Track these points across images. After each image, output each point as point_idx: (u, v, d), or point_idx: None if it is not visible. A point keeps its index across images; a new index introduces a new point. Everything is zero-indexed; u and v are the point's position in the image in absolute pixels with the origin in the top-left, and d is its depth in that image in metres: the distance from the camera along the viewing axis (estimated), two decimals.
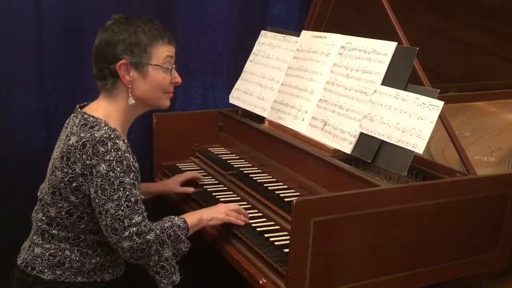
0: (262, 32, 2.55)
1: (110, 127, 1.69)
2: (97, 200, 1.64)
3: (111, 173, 1.62)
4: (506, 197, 1.80)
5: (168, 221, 1.75)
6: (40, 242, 1.77)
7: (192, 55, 2.67)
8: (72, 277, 1.74)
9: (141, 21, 1.77)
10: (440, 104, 1.73)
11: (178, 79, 1.85)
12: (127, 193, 1.64)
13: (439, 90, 1.77)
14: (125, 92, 1.76)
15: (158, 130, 2.48)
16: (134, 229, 1.63)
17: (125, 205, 1.63)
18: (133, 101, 1.76)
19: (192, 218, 1.81)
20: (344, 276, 1.59)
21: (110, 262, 1.80)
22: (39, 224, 1.78)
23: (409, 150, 1.75)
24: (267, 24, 2.73)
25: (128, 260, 1.70)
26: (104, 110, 1.76)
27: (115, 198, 1.62)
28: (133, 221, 1.63)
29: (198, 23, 2.65)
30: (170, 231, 1.72)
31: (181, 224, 1.76)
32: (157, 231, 1.69)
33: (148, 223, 1.68)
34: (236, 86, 2.55)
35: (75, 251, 1.74)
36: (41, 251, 1.75)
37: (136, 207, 1.65)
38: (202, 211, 1.89)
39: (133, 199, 1.64)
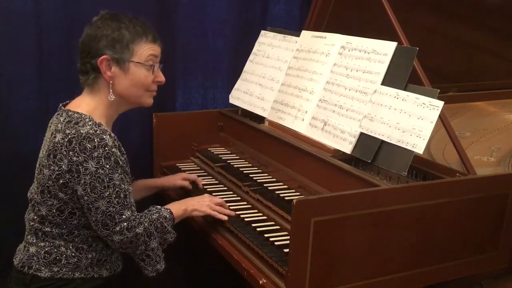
0: (262, 32, 2.55)
1: (95, 122, 1.70)
2: (86, 197, 1.65)
3: (100, 170, 1.64)
4: (506, 197, 1.80)
5: (156, 213, 1.80)
6: (34, 241, 1.77)
7: (192, 55, 2.67)
8: (70, 273, 1.74)
9: (127, 18, 1.77)
10: (440, 104, 1.73)
11: (161, 78, 1.84)
12: (117, 189, 1.67)
13: (439, 90, 1.77)
14: (106, 87, 1.77)
15: (158, 130, 2.48)
16: (125, 224, 1.68)
17: (115, 201, 1.66)
18: (113, 97, 1.77)
19: (178, 209, 1.87)
20: (344, 276, 1.59)
21: (107, 257, 1.81)
22: (32, 223, 1.78)
23: (409, 150, 1.75)
24: (267, 24, 2.73)
25: (116, 249, 1.76)
26: (87, 106, 1.76)
27: (106, 195, 1.65)
28: (124, 216, 1.68)
29: (198, 23, 2.65)
30: (157, 223, 1.77)
31: (168, 216, 1.81)
32: (146, 224, 1.74)
33: (137, 216, 1.73)
34: (236, 86, 2.55)
35: (70, 247, 1.75)
36: (36, 250, 1.76)
37: (125, 202, 1.69)
38: (187, 201, 1.94)
39: (122, 195, 1.68)
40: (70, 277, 1.75)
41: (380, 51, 1.95)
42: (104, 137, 1.66)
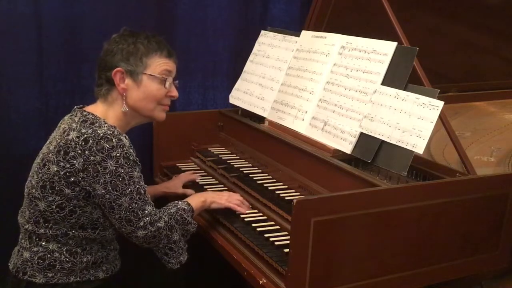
0: (262, 32, 2.55)
1: (110, 125, 1.73)
2: (107, 196, 1.67)
3: (120, 169, 1.66)
4: (506, 197, 1.80)
5: (173, 207, 1.84)
6: (28, 245, 1.77)
7: (192, 55, 2.67)
8: (65, 278, 1.75)
9: (144, 35, 1.82)
10: (440, 104, 1.73)
11: (174, 93, 1.88)
12: (137, 186, 1.71)
13: (439, 90, 1.77)
14: (120, 99, 1.80)
15: (158, 130, 2.48)
16: (148, 219, 1.72)
17: (137, 197, 1.70)
18: (127, 109, 1.80)
19: (197, 200, 1.92)
20: (344, 276, 1.59)
21: (103, 258, 1.81)
22: (26, 226, 1.78)
23: (409, 150, 1.75)
24: (267, 24, 2.73)
25: (140, 245, 1.78)
26: (101, 113, 1.79)
27: (128, 192, 1.68)
28: (146, 211, 1.72)
29: (198, 23, 2.65)
30: (177, 215, 1.81)
31: (186, 207, 1.85)
32: (166, 218, 1.77)
33: (157, 211, 1.77)
34: (236, 86, 2.55)
35: (64, 252, 1.75)
36: (30, 255, 1.75)
37: (146, 198, 1.73)
38: (206, 193, 2.01)
39: (142, 191, 1.72)
40: (65, 282, 1.75)
41: (380, 51, 1.95)
42: (121, 138, 1.70)
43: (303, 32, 2.34)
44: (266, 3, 2.81)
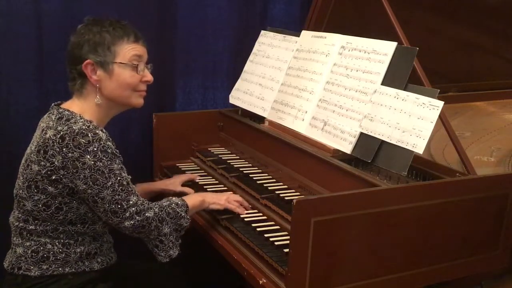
0: (262, 32, 2.55)
1: (86, 119, 1.73)
2: (89, 190, 1.67)
3: (98, 163, 1.66)
4: (506, 197, 1.80)
5: (166, 201, 1.84)
6: (20, 241, 1.78)
7: (192, 55, 2.67)
8: (60, 269, 1.75)
9: (108, 22, 1.79)
10: (440, 104, 1.73)
11: (148, 77, 1.85)
12: (118, 178, 1.70)
13: (439, 90, 1.77)
14: (94, 91, 1.79)
15: (158, 130, 2.48)
16: (133, 209, 1.71)
17: (119, 189, 1.69)
18: (101, 101, 1.78)
19: (195, 199, 1.93)
20: (344, 276, 1.59)
21: (97, 250, 1.82)
22: (16, 224, 1.79)
23: (409, 150, 1.75)
24: (267, 24, 2.73)
25: (130, 235, 1.77)
26: (77, 107, 1.79)
27: (109, 185, 1.68)
28: (131, 202, 1.71)
29: (198, 23, 2.65)
30: (168, 209, 1.80)
31: (179, 202, 1.85)
32: (156, 209, 1.77)
33: (145, 202, 1.76)
34: (236, 86, 2.55)
35: (57, 243, 1.76)
36: (23, 250, 1.76)
37: (129, 188, 1.72)
38: (205, 194, 2.01)
39: (125, 182, 1.71)
40: (61, 273, 1.75)
41: (380, 51, 1.95)
42: (97, 131, 1.69)
43: (303, 32, 2.34)
44: (266, 3, 2.81)
